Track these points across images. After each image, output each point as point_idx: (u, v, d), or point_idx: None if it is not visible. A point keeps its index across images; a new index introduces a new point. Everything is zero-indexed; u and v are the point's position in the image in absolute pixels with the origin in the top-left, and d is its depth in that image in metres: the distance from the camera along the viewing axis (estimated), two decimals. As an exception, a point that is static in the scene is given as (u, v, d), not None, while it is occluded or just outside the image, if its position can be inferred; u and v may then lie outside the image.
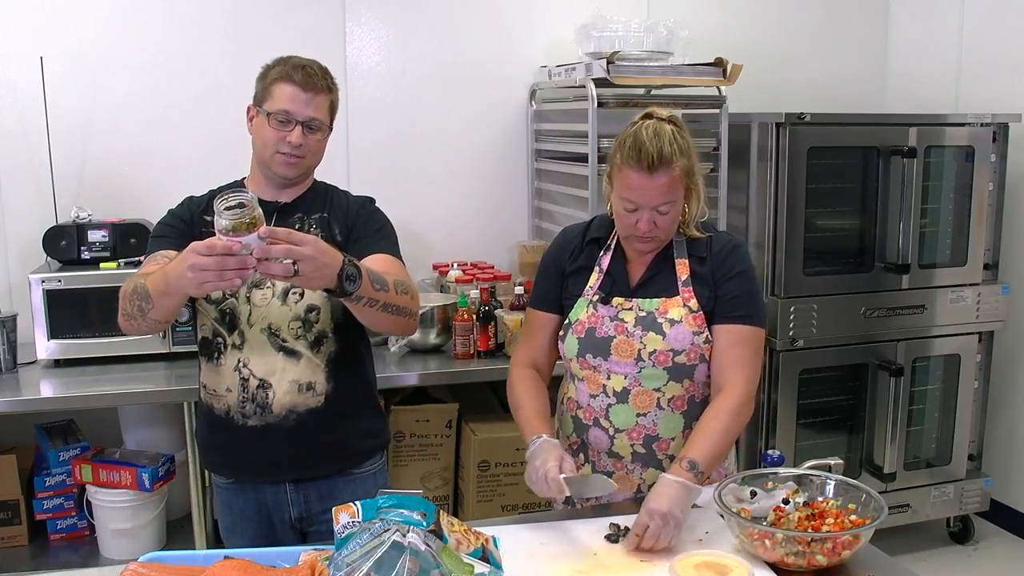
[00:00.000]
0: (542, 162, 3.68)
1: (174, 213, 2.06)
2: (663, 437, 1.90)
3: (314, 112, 1.93)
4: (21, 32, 3.16)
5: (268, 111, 1.92)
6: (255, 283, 1.93)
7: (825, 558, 1.57)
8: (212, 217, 1.70)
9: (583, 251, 1.97)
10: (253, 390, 1.94)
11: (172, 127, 3.33)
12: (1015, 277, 3.63)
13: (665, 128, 1.79)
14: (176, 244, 1.92)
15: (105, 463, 2.98)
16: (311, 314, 1.95)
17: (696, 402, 1.91)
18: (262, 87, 1.95)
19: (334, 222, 2.02)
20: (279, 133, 1.91)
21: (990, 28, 3.74)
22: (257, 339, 1.93)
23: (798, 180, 3.21)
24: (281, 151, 1.93)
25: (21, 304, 3.06)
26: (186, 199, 2.10)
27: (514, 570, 1.56)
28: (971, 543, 3.70)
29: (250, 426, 1.94)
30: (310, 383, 1.95)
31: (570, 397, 1.99)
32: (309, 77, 1.92)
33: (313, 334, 1.95)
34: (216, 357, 1.96)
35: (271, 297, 1.94)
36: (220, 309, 1.95)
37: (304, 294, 1.94)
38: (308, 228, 1.98)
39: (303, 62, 1.95)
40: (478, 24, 3.61)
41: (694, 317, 1.87)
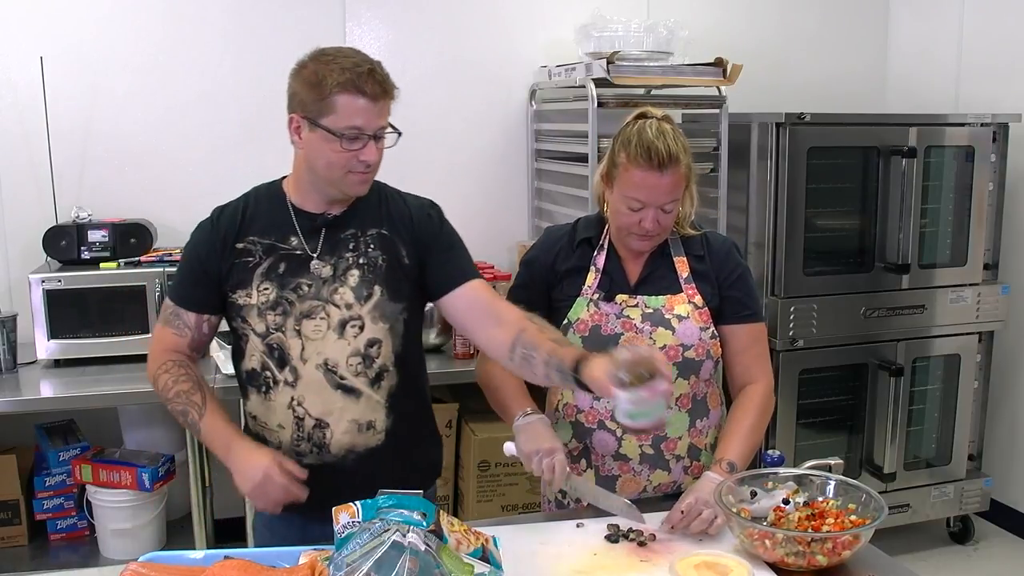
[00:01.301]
0: (542, 162, 3.68)
1: (192, 252, 1.81)
2: (671, 437, 1.90)
3: (384, 120, 1.70)
4: (21, 32, 3.16)
5: (332, 129, 1.65)
6: (305, 314, 1.74)
7: (825, 558, 1.57)
8: (244, 244, 1.71)
9: (575, 251, 1.96)
10: (309, 430, 1.77)
11: (172, 127, 3.33)
12: (1015, 277, 3.63)
13: (666, 127, 1.82)
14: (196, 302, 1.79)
15: (105, 463, 2.98)
16: (372, 348, 1.76)
17: (699, 400, 1.92)
18: (317, 97, 1.64)
19: (397, 240, 1.79)
20: (349, 153, 1.67)
21: (990, 28, 3.74)
22: (312, 376, 1.75)
23: (798, 180, 3.21)
24: (355, 171, 1.69)
25: (21, 304, 3.06)
26: (212, 217, 1.82)
27: (514, 570, 1.56)
28: (971, 543, 3.70)
29: (305, 464, 1.75)
30: (370, 422, 1.78)
31: (567, 403, 1.96)
32: (379, 84, 1.66)
33: (374, 370, 1.77)
34: (265, 391, 1.78)
35: (326, 329, 1.74)
36: (267, 343, 1.75)
37: (364, 327, 1.76)
38: (366, 248, 1.77)
39: (365, 63, 1.66)
40: (478, 24, 3.61)
41: (700, 313, 1.89)
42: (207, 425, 1.75)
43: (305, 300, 1.74)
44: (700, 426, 1.93)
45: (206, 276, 1.77)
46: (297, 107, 1.69)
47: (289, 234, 1.76)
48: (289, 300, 1.74)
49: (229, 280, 1.76)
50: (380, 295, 1.76)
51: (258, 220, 1.78)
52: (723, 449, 1.85)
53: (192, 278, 1.80)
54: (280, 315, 1.74)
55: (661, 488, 1.93)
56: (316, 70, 1.65)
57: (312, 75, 1.65)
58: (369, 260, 1.76)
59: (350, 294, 1.74)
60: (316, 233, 1.77)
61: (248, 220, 1.78)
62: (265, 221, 1.78)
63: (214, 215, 1.82)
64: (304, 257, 1.75)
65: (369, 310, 1.75)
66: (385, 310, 1.76)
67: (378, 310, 1.76)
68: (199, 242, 1.80)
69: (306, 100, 1.66)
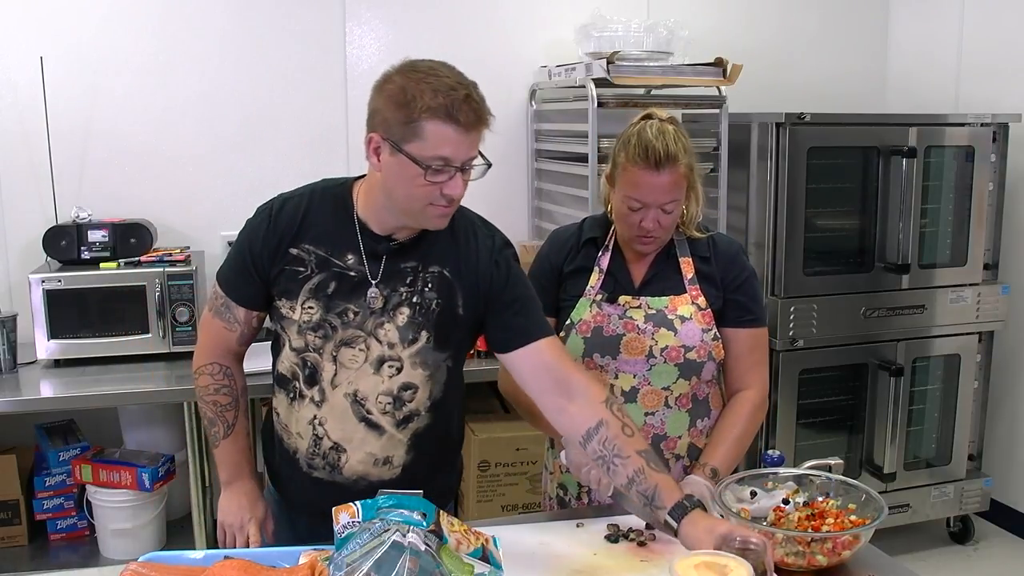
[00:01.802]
0: (542, 162, 3.68)
1: (246, 242, 1.69)
2: (670, 436, 1.91)
3: (474, 151, 1.55)
4: (21, 32, 3.16)
5: (418, 158, 1.49)
6: (345, 341, 1.64)
7: (825, 558, 1.57)
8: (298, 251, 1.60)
9: (580, 252, 1.96)
10: (326, 450, 1.70)
11: (172, 127, 3.33)
12: (1015, 277, 3.63)
13: (668, 128, 1.81)
14: (246, 297, 1.71)
15: (105, 463, 2.98)
16: (405, 392, 1.67)
17: (699, 400, 1.92)
18: (405, 119, 1.48)
19: (457, 286, 1.65)
20: (433, 186, 1.52)
21: (990, 28, 3.74)
22: (339, 403, 1.66)
23: (798, 180, 3.21)
24: (435, 204, 1.55)
25: (21, 304, 3.06)
26: (271, 207, 1.69)
27: (514, 570, 1.56)
28: (971, 543, 3.70)
29: (315, 477, 1.72)
30: (388, 457, 1.71)
31: None
32: (475, 112, 1.51)
33: (403, 412, 1.68)
34: (292, 399, 1.71)
35: (363, 362, 1.64)
36: (301, 358, 1.67)
37: (402, 369, 1.65)
38: (423, 286, 1.64)
39: (462, 88, 1.51)
40: (478, 24, 3.61)
41: (703, 315, 1.88)
42: (225, 446, 1.78)
43: (348, 328, 1.64)
44: (700, 426, 1.94)
45: (256, 272, 1.67)
46: (379, 126, 1.53)
47: (347, 251, 1.64)
48: (332, 325, 1.64)
49: (276, 285, 1.67)
50: (425, 341, 1.65)
51: (318, 226, 1.65)
52: (708, 454, 1.86)
53: (242, 271, 1.69)
54: (320, 338, 1.64)
55: None
56: (405, 87, 1.49)
57: (400, 93, 1.49)
58: (424, 301, 1.64)
59: (395, 333, 1.64)
60: (377, 258, 1.64)
61: (308, 223, 1.65)
62: (326, 230, 1.64)
63: (275, 207, 1.67)
64: (358, 280, 1.64)
65: (411, 354, 1.65)
66: (427, 357, 1.66)
67: (420, 356, 1.66)
68: (255, 235, 1.67)
69: (390, 121, 1.50)
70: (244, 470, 1.79)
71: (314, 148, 3.41)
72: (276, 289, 1.67)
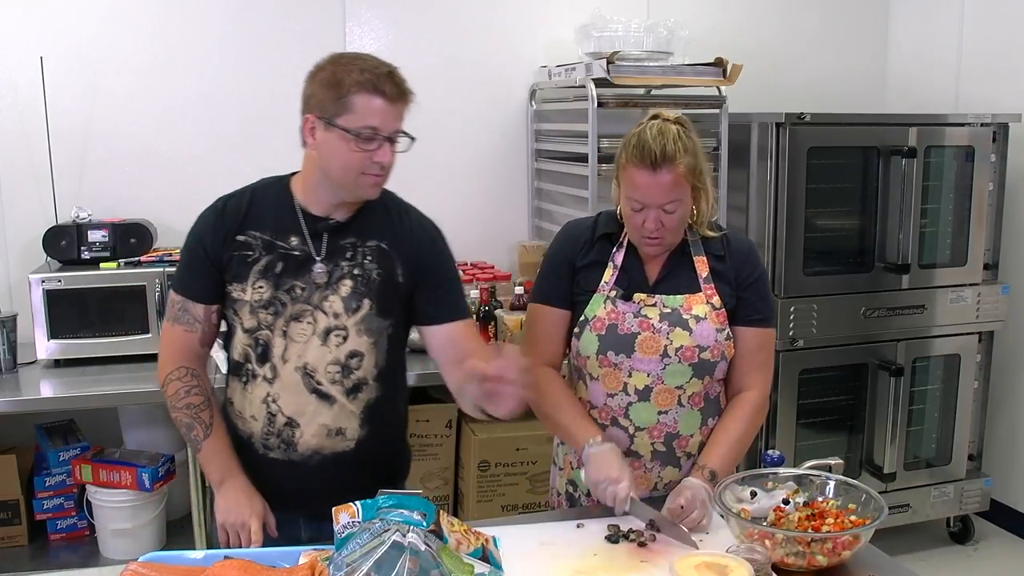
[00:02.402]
0: (542, 162, 3.68)
1: (196, 239, 1.81)
2: (683, 434, 1.91)
3: (400, 122, 1.73)
4: (21, 32, 3.16)
5: (348, 128, 1.66)
6: (294, 316, 1.76)
7: (825, 558, 1.57)
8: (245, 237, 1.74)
9: (594, 246, 1.95)
10: (280, 426, 1.79)
11: (172, 127, 3.33)
12: (1015, 277, 3.63)
13: (670, 128, 1.81)
14: (202, 293, 1.80)
15: (105, 463, 2.98)
16: (352, 360, 1.78)
17: (711, 398, 1.92)
18: (334, 97, 1.66)
19: (396, 257, 1.81)
20: (365, 153, 1.68)
21: (990, 28, 3.74)
22: (290, 377, 1.77)
23: (798, 180, 3.21)
24: (369, 172, 1.71)
25: (21, 304, 3.06)
26: (216, 206, 1.83)
27: (514, 570, 1.56)
28: (971, 543, 3.70)
29: (271, 458, 1.81)
30: (340, 428, 1.80)
31: (580, 398, 1.96)
32: (398, 86, 1.70)
33: (352, 381, 1.79)
34: (245, 382, 1.81)
35: (311, 335, 1.76)
36: (254, 337, 1.78)
37: (348, 337, 1.77)
38: (363, 259, 1.79)
39: (384, 66, 1.71)
40: (478, 24, 3.61)
41: (717, 314, 1.88)
42: (208, 447, 1.81)
43: (296, 303, 1.76)
44: (712, 424, 1.93)
45: (211, 265, 1.78)
46: (314, 108, 1.69)
47: (291, 233, 1.78)
48: (282, 301, 1.76)
49: (228, 271, 1.78)
50: (369, 309, 1.78)
51: (262, 215, 1.79)
52: (707, 456, 1.86)
53: (197, 268, 1.80)
54: (271, 315, 1.76)
55: (671, 486, 1.93)
56: (335, 71, 1.68)
57: (330, 76, 1.68)
58: (364, 272, 1.78)
59: (339, 304, 1.76)
60: (319, 236, 1.78)
61: (252, 213, 1.79)
62: (269, 216, 1.79)
63: (219, 204, 1.81)
64: (303, 258, 1.77)
65: (355, 322, 1.77)
66: (371, 324, 1.78)
67: (364, 324, 1.78)
68: (204, 231, 1.80)
69: (323, 100, 1.67)
70: (233, 467, 1.82)
71: (314, 148, 3.41)
72: (228, 275, 1.78)
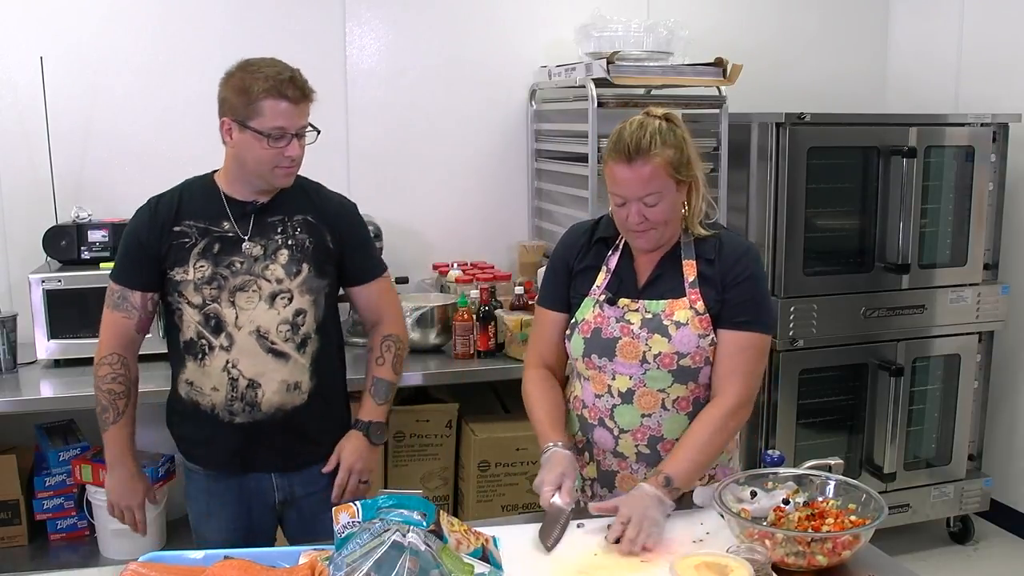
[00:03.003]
0: (542, 162, 3.68)
1: (133, 236, 2.02)
2: (667, 438, 1.90)
3: (304, 120, 1.95)
4: (21, 32, 3.16)
5: (259, 130, 1.89)
6: (239, 287, 1.96)
7: (825, 558, 1.57)
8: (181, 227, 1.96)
9: (591, 250, 1.97)
10: (243, 389, 1.98)
11: (172, 127, 3.33)
12: (1015, 277, 3.63)
13: (652, 122, 1.80)
14: (139, 281, 2.01)
15: (105, 463, 2.97)
16: (299, 317, 2.00)
17: (701, 403, 1.90)
18: (244, 103, 1.88)
19: (323, 227, 2.04)
20: (275, 150, 1.91)
21: (990, 28, 3.74)
22: (246, 341, 1.97)
23: (798, 180, 3.21)
24: (281, 166, 1.94)
25: (21, 304, 3.06)
26: (149, 204, 2.04)
27: (514, 570, 1.56)
28: (971, 543, 3.70)
29: (237, 423, 2.00)
30: (297, 383, 2.01)
31: (576, 396, 1.99)
32: (300, 89, 1.91)
33: (300, 336, 2.01)
34: (201, 358, 1.99)
35: (258, 301, 1.97)
36: (204, 313, 1.97)
37: (293, 299, 1.99)
38: (293, 231, 2.01)
39: (287, 71, 1.91)
40: (478, 24, 3.61)
41: (700, 320, 1.85)
42: (112, 432, 2.05)
43: (238, 275, 1.97)
44: None
45: (147, 257, 1.99)
46: (228, 112, 1.92)
47: (222, 219, 1.99)
48: (223, 275, 1.96)
49: (167, 259, 1.97)
50: (308, 272, 2.01)
51: (193, 206, 2.00)
52: (667, 461, 1.81)
53: (134, 260, 2.00)
54: (215, 288, 1.96)
55: None
56: (243, 79, 1.90)
57: (239, 83, 1.90)
58: (297, 242, 2.01)
59: (280, 270, 1.99)
60: (246, 218, 2.00)
61: (184, 206, 2.00)
62: (200, 207, 2.00)
63: (151, 203, 2.03)
64: (235, 239, 1.98)
65: (298, 284, 2.00)
66: (312, 285, 2.01)
67: (305, 285, 2.01)
68: (139, 227, 2.01)
69: (236, 105, 1.90)
70: (128, 454, 2.08)
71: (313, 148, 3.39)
72: (168, 263, 1.98)
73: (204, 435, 2.05)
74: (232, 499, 2.09)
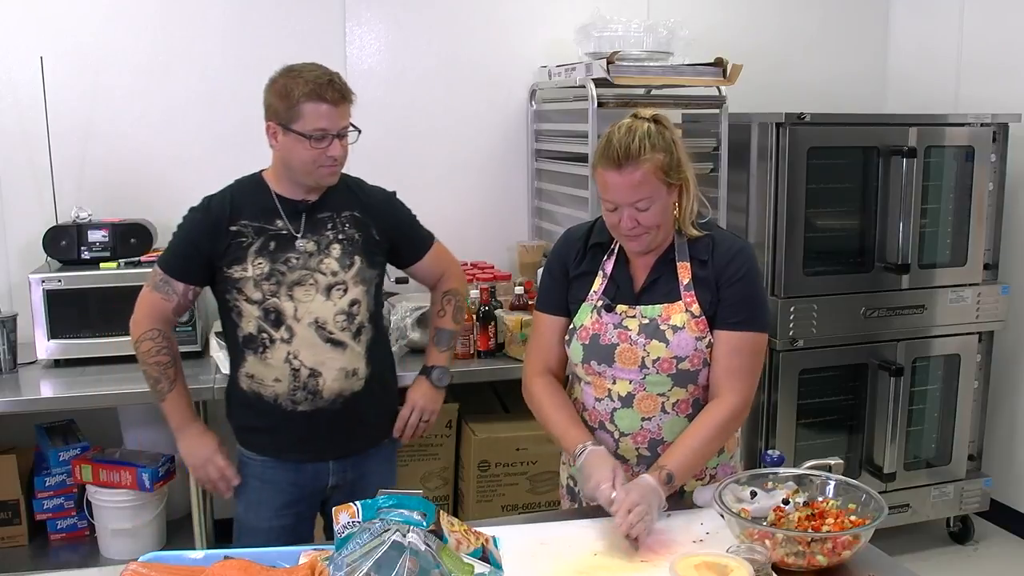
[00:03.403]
0: (542, 162, 3.68)
1: (186, 235, 2.11)
2: (668, 440, 1.89)
3: (345, 120, 2.03)
4: (21, 32, 3.16)
5: (302, 132, 1.98)
6: (296, 281, 2.06)
7: (825, 558, 1.57)
8: (237, 227, 2.03)
9: (587, 255, 1.96)
10: (304, 379, 2.08)
11: (172, 127, 3.33)
12: (1015, 277, 3.63)
13: (641, 125, 1.78)
14: (186, 274, 2.10)
15: (105, 463, 2.98)
16: (353, 307, 2.11)
17: (700, 404, 1.90)
18: (286, 107, 1.97)
19: (369, 221, 2.16)
20: (318, 151, 2.00)
21: (990, 28, 3.74)
22: (306, 333, 2.07)
23: (798, 180, 3.21)
24: (324, 166, 2.03)
25: (21, 304, 3.06)
26: (202, 206, 2.12)
27: (514, 570, 1.56)
28: (971, 543, 3.70)
29: (300, 411, 2.10)
30: (354, 369, 2.13)
31: (576, 399, 1.98)
32: (339, 91, 1.99)
33: (355, 325, 2.12)
34: (262, 351, 2.08)
35: (315, 293, 2.07)
36: (263, 308, 2.06)
37: (347, 290, 2.10)
38: (342, 227, 2.11)
39: (326, 75, 1.99)
40: (478, 24, 3.61)
41: (696, 322, 1.85)
42: (172, 398, 2.15)
43: (295, 271, 2.06)
44: None
45: (198, 254, 2.08)
46: (272, 116, 2.02)
47: (274, 218, 2.08)
48: (281, 271, 2.05)
49: (225, 258, 2.06)
50: (360, 263, 2.12)
51: (246, 206, 2.08)
52: (667, 457, 1.81)
53: (184, 254, 2.10)
54: (274, 284, 2.05)
55: None
56: (285, 84, 1.99)
57: (282, 88, 1.99)
58: (347, 236, 2.12)
59: (335, 263, 2.09)
60: (298, 216, 2.09)
61: (237, 207, 2.08)
62: (252, 207, 2.08)
63: (204, 203, 2.11)
64: (289, 236, 2.08)
65: (352, 276, 2.11)
66: (364, 275, 2.13)
67: (359, 276, 2.12)
68: (192, 226, 2.10)
69: (279, 110, 2.00)
70: (189, 417, 2.18)
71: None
72: (225, 261, 2.06)
73: (267, 424, 2.13)
74: (286, 486, 2.17)
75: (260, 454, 2.18)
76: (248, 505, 2.21)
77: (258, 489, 2.18)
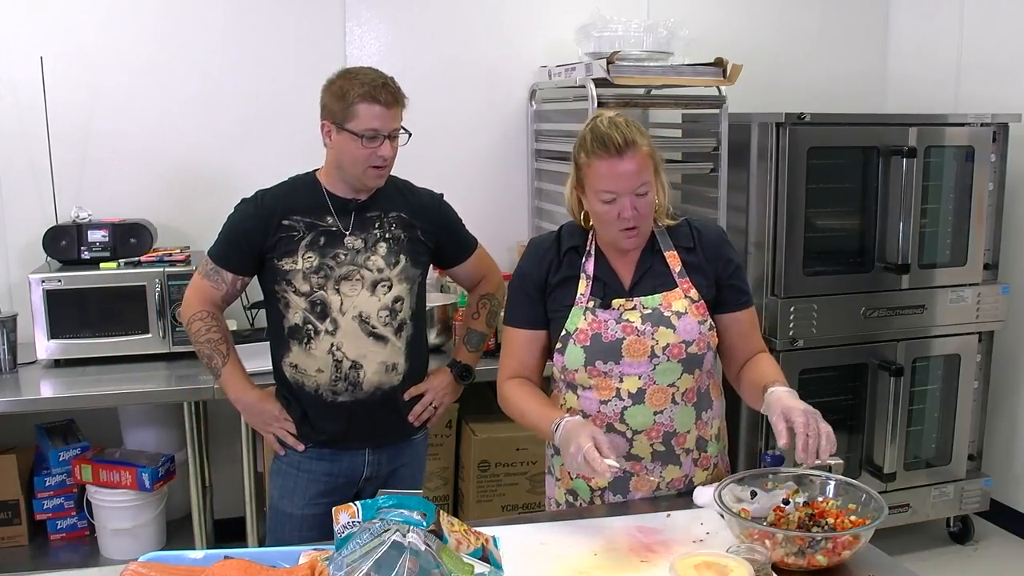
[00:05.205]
0: (542, 162, 3.68)
1: (236, 225, 2.17)
2: (680, 432, 1.91)
3: (396, 123, 2.10)
4: (21, 32, 3.16)
5: (355, 131, 2.05)
6: (343, 276, 2.13)
7: (825, 558, 1.57)
8: (289, 221, 2.10)
9: (563, 261, 1.95)
10: (346, 370, 2.15)
11: (172, 127, 3.34)
12: (1015, 277, 3.63)
13: (618, 119, 1.84)
14: (235, 264, 2.16)
15: (105, 463, 2.98)
16: (397, 304, 2.18)
17: (702, 392, 1.93)
18: (342, 107, 2.05)
19: (415, 221, 2.22)
20: (369, 150, 2.06)
21: (990, 28, 3.74)
22: (350, 326, 2.14)
23: (798, 180, 3.21)
24: (373, 165, 2.09)
25: (21, 304, 3.06)
26: (255, 198, 2.17)
27: (514, 570, 1.56)
28: (971, 543, 3.70)
29: (340, 402, 2.17)
30: (394, 364, 2.19)
31: (570, 408, 1.94)
32: (392, 95, 2.07)
33: (397, 321, 2.18)
34: (307, 342, 2.15)
35: (361, 288, 2.14)
36: (310, 300, 2.13)
37: (392, 287, 2.17)
38: (389, 227, 2.18)
39: (380, 78, 2.08)
40: (478, 24, 3.61)
41: (697, 307, 1.89)
42: (226, 374, 2.22)
43: (343, 266, 2.13)
44: (705, 418, 1.94)
45: (248, 245, 2.14)
46: (327, 116, 2.10)
47: (325, 214, 2.15)
48: (329, 265, 2.12)
49: (276, 250, 2.12)
50: (405, 262, 2.19)
51: (298, 202, 2.15)
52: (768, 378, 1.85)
53: (236, 246, 2.16)
54: (322, 278, 2.12)
55: (674, 484, 1.93)
56: (341, 85, 2.06)
57: (338, 89, 2.06)
58: (393, 236, 2.18)
59: (381, 261, 2.16)
60: (347, 214, 2.16)
61: (289, 202, 2.15)
62: (304, 203, 2.15)
63: (257, 196, 2.18)
64: (338, 233, 2.14)
65: (397, 273, 2.18)
66: (409, 273, 2.20)
67: (404, 274, 2.19)
68: (245, 218, 2.16)
69: (334, 109, 2.07)
70: (247, 386, 2.24)
71: (314, 148, 3.37)
72: (276, 253, 2.13)
73: (307, 413, 2.20)
74: (321, 475, 2.22)
75: (306, 443, 2.23)
76: (283, 492, 2.25)
77: (293, 477, 2.24)
